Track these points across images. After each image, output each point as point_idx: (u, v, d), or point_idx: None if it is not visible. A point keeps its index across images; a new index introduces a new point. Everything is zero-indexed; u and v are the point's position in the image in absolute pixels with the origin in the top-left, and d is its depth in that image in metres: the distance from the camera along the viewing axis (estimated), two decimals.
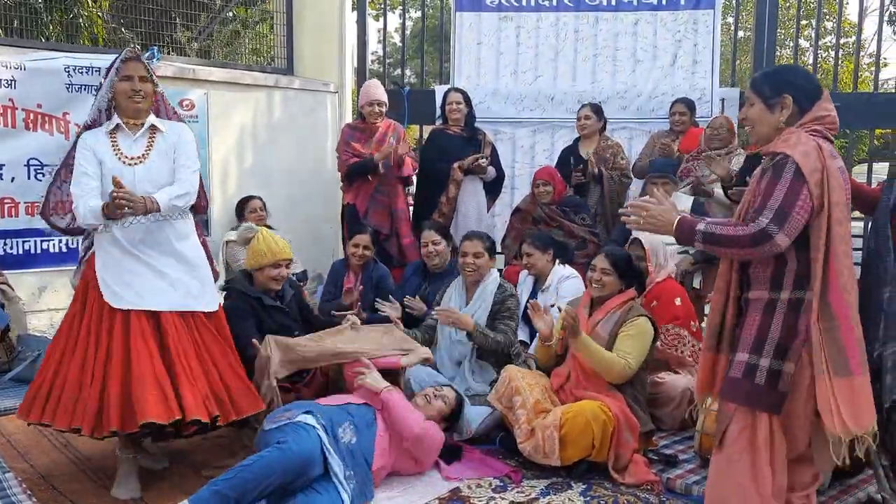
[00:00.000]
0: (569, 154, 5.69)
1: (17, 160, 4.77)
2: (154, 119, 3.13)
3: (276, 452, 2.68)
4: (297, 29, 6.69)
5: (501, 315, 3.92)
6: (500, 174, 5.71)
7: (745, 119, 2.44)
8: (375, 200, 5.43)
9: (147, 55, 5.25)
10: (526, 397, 3.31)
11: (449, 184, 5.41)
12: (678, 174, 5.18)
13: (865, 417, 2.16)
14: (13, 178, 4.77)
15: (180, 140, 3.15)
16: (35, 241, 4.89)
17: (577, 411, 3.15)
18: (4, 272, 4.77)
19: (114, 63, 3.06)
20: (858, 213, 2.89)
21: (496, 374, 3.72)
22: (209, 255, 3.35)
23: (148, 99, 3.09)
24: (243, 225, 4.09)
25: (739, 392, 2.29)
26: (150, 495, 3.01)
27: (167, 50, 6.11)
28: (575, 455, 3.15)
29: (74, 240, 4.97)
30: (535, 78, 6.54)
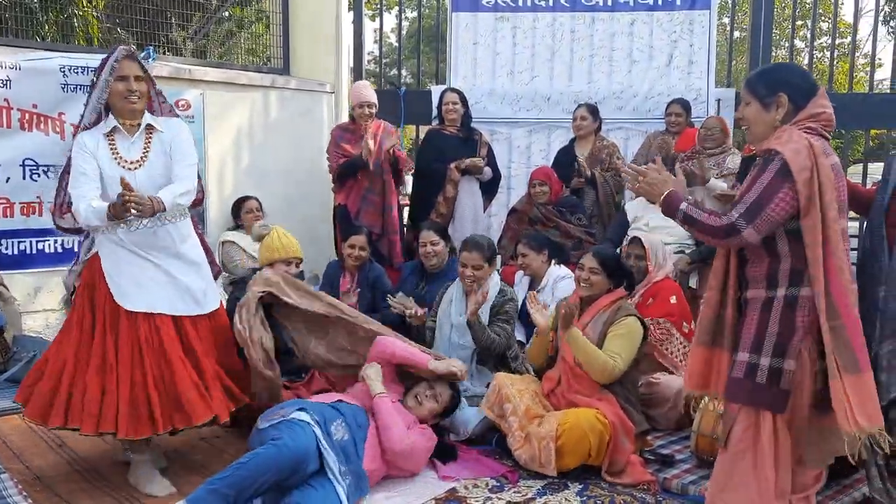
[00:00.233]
0: (565, 154, 5.70)
1: (13, 160, 4.75)
2: (150, 118, 3.10)
3: (272, 449, 2.68)
4: (294, 29, 6.68)
5: (498, 318, 3.91)
6: (497, 174, 5.71)
7: (742, 119, 2.44)
8: (367, 200, 5.42)
9: (143, 55, 5.26)
10: (516, 404, 3.33)
11: (446, 184, 5.42)
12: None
13: (876, 414, 2.15)
14: (8, 179, 4.75)
15: (176, 137, 3.12)
16: (30, 242, 4.87)
17: (574, 423, 3.14)
18: (0, 273, 4.76)
19: (107, 61, 3.00)
20: (853, 214, 2.90)
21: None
22: (208, 251, 3.35)
23: (143, 99, 3.06)
24: (259, 223, 4.15)
25: (742, 392, 2.29)
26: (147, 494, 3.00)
27: (163, 50, 6.09)
28: (571, 463, 3.16)
29: (70, 240, 4.95)
30: (532, 78, 6.54)
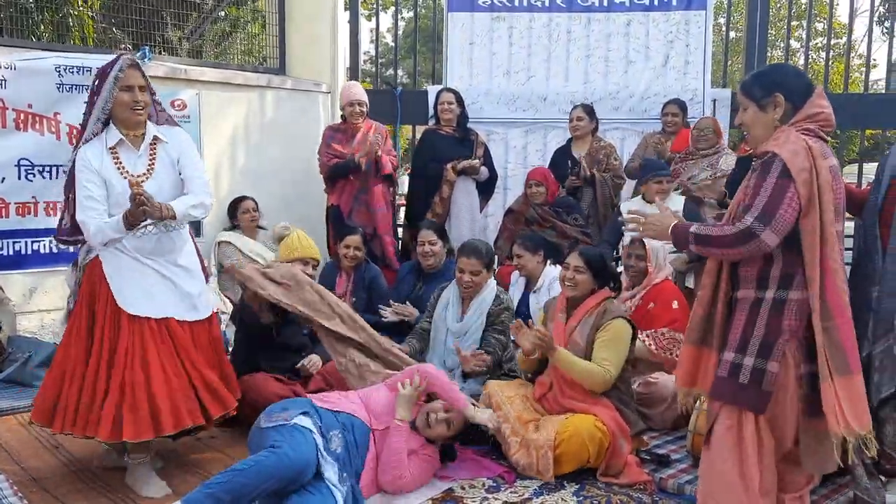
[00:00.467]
0: (561, 155, 5.70)
1: (8, 161, 4.73)
2: (153, 129, 3.08)
3: (273, 458, 2.63)
4: (289, 29, 6.68)
5: (494, 328, 3.87)
6: (493, 175, 5.71)
7: (742, 124, 2.44)
8: (359, 201, 5.43)
9: (138, 55, 5.26)
10: (507, 411, 3.34)
11: (442, 184, 5.42)
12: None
13: (865, 416, 2.17)
14: (3, 179, 4.73)
15: (183, 148, 3.12)
16: (25, 242, 4.86)
17: (573, 432, 3.13)
18: None
19: (109, 70, 2.95)
20: (847, 214, 2.90)
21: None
22: (200, 257, 3.37)
23: (147, 108, 3.05)
24: (281, 224, 4.17)
25: (725, 391, 2.31)
26: (144, 496, 2.99)
27: (158, 50, 6.08)
28: (569, 469, 3.17)
29: None
30: (528, 78, 6.54)
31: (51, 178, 4.88)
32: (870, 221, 2.69)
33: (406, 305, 4.47)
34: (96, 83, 2.99)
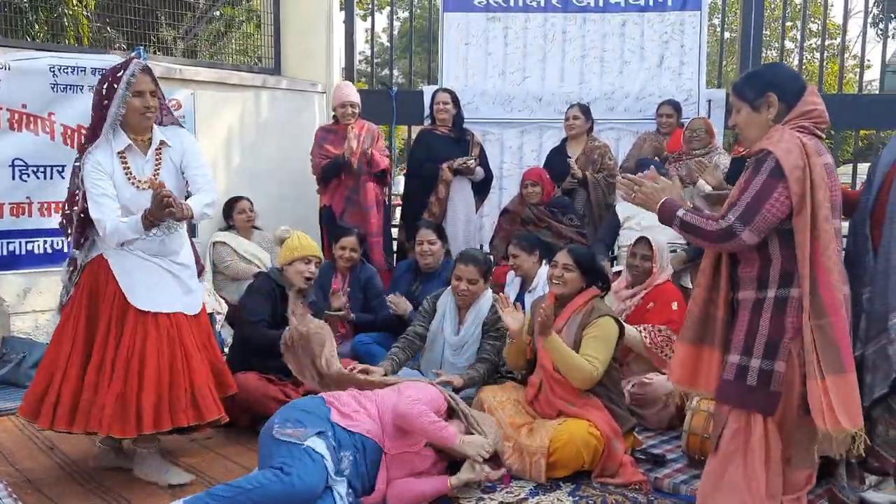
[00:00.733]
0: (556, 155, 5.71)
1: (2, 161, 4.71)
2: (159, 132, 3.10)
3: (279, 486, 2.57)
4: (285, 29, 6.66)
5: (489, 335, 3.85)
6: (489, 175, 5.72)
7: (736, 126, 2.44)
8: (351, 201, 5.43)
9: (133, 55, 5.24)
10: (500, 417, 3.35)
11: (438, 184, 5.42)
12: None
13: (856, 414, 2.16)
14: None
15: (186, 148, 3.15)
16: (20, 243, 4.84)
17: (568, 440, 3.12)
18: None
19: (119, 74, 2.94)
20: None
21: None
22: (197, 256, 3.40)
23: (156, 112, 3.06)
24: (282, 227, 4.20)
25: (733, 394, 2.30)
26: (138, 496, 2.99)
27: (153, 50, 6.07)
28: (563, 475, 3.16)
29: (59, 241, 4.93)
30: (524, 79, 6.54)
31: (45, 179, 4.86)
32: (860, 222, 2.69)
33: (401, 298, 4.47)
34: (105, 87, 2.97)
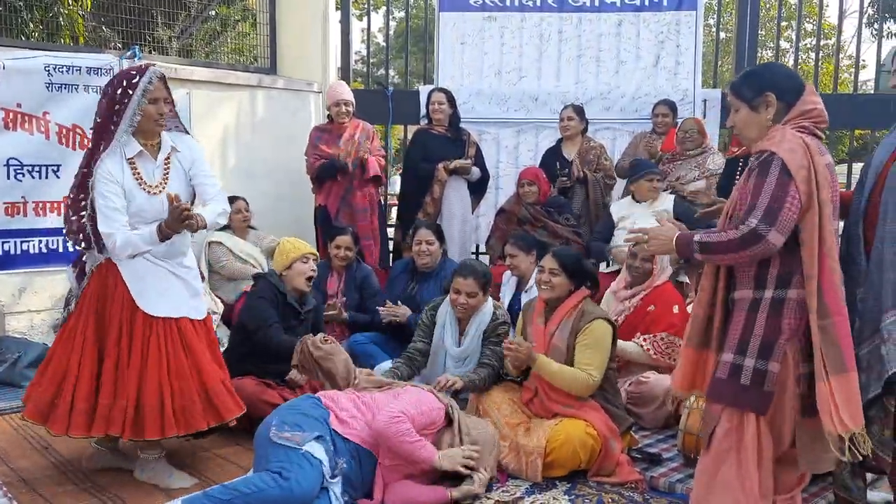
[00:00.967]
0: (552, 155, 5.71)
1: None
2: (168, 138, 3.12)
3: (277, 490, 2.57)
4: (281, 28, 6.66)
5: (490, 341, 3.76)
6: (485, 174, 5.72)
7: (734, 126, 2.42)
8: (346, 201, 5.43)
9: (128, 54, 5.24)
10: (496, 418, 3.35)
11: (434, 184, 5.42)
12: None
13: (858, 414, 2.16)
14: None
15: (195, 157, 3.18)
16: (14, 242, 4.83)
17: (565, 440, 3.12)
18: None
19: (135, 80, 2.93)
20: None
21: None
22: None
23: (166, 119, 3.10)
24: (269, 238, 4.07)
25: (726, 393, 2.29)
26: (133, 496, 2.98)
27: (148, 49, 6.05)
28: (560, 473, 3.16)
29: (55, 241, 4.93)
30: (520, 78, 6.54)
31: (40, 178, 4.85)
32: (854, 223, 2.69)
33: (398, 305, 4.46)
34: (118, 92, 2.96)
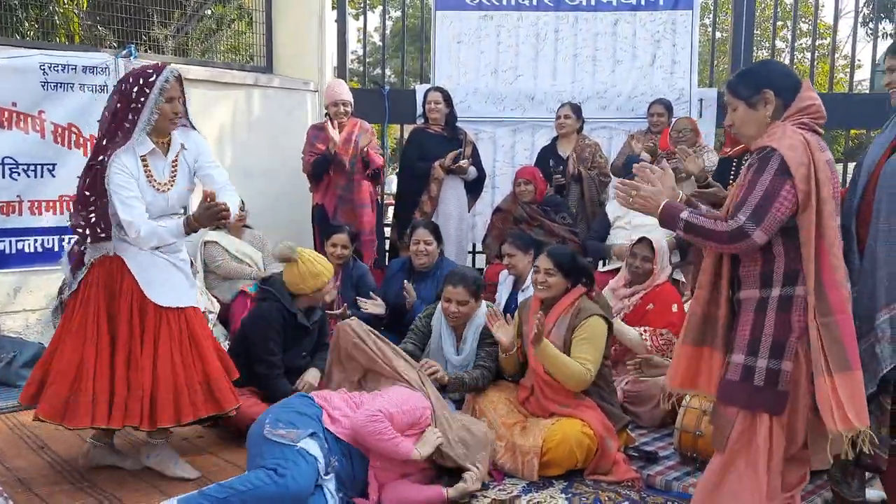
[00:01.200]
0: (547, 154, 5.72)
1: None
2: (178, 136, 3.14)
3: (273, 487, 2.57)
4: (277, 27, 6.65)
5: (485, 342, 3.71)
6: (482, 173, 5.72)
7: (732, 125, 2.40)
8: (344, 200, 5.42)
9: (124, 53, 5.23)
10: (492, 417, 3.35)
11: (430, 183, 5.42)
12: None
13: (863, 412, 2.13)
14: None
15: (201, 150, 3.22)
16: (10, 241, 4.82)
17: (561, 439, 3.11)
18: None
19: (153, 79, 2.95)
20: None
21: None
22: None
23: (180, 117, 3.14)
24: (282, 243, 3.69)
25: (739, 395, 2.24)
26: (130, 495, 2.97)
27: (144, 48, 6.04)
28: (556, 472, 3.16)
29: (50, 240, 4.92)
30: (516, 77, 6.55)
31: (35, 177, 4.84)
32: (847, 222, 2.70)
33: (374, 300, 4.45)
34: (135, 90, 2.97)
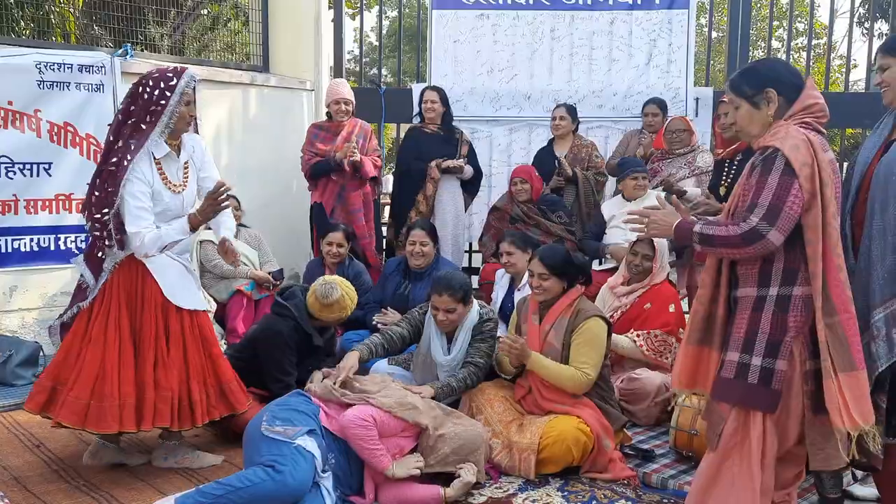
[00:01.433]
0: (544, 154, 5.72)
1: None
2: (188, 138, 3.21)
3: (271, 484, 2.58)
4: (273, 26, 6.65)
5: (476, 341, 3.65)
6: (478, 173, 5.72)
7: (734, 124, 2.40)
8: (342, 199, 5.42)
9: (119, 52, 5.22)
10: (489, 415, 3.35)
11: (426, 182, 5.42)
12: None
13: (869, 412, 2.14)
14: None
15: (206, 160, 3.30)
16: (6, 240, 4.81)
17: (557, 436, 3.12)
18: None
19: (174, 83, 2.99)
20: None
21: None
22: None
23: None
24: (322, 279, 3.67)
25: (733, 393, 2.25)
26: (126, 493, 2.97)
27: (140, 47, 6.03)
28: (553, 471, 3.17)
29: (46, 239, 4.91)
30: (512, 76, 6.55)
31: (31, 176, 4.83)
32: (841, 221, 2.70)
33: (390, 313, 4.45)
34: (155, 93, 2.99)
